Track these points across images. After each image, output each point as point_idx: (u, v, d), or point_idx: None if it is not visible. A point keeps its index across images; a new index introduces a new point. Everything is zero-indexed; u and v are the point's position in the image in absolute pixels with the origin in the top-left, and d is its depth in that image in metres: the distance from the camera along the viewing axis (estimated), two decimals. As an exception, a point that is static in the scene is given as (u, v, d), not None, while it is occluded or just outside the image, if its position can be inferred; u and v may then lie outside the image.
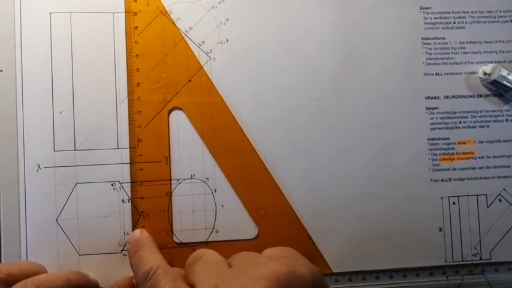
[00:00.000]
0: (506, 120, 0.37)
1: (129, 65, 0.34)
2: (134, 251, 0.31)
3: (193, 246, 0.34)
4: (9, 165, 0.33)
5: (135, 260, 0.30)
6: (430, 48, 0.36)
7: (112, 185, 0.34)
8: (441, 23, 0.37)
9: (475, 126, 0.37)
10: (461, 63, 0.37)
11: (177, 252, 0.34)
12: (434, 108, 0.36)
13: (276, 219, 0.35)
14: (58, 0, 0.34)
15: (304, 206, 0.35)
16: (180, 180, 0.34)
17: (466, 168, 0.36)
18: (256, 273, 0.23)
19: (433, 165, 0.36)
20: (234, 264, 0.26)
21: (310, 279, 0.24)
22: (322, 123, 0.35)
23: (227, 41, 0.35)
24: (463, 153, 0.36)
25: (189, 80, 0.35)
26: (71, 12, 0.34)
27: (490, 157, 0.37)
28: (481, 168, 0.36)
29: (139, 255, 0.30)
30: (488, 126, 0.37)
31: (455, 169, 0.36)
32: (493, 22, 0.37)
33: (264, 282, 0.22)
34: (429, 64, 0.36)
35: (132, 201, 0.34)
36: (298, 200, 0.35)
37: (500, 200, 0.36)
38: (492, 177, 0.36)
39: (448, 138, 0.36)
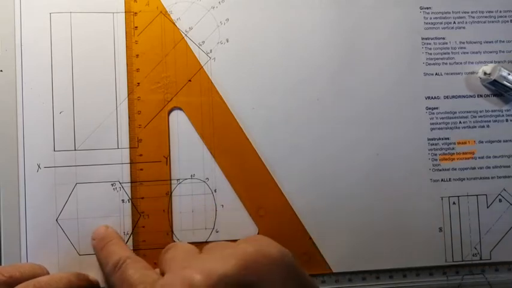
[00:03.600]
0: (506, 120, 0.37)
1: (129, 65, 0.34)
2: (101, 246, 0.31)
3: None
4: (9, 165, 0.33)
5: (103, 254, 0.30)
6: (430, 48, 0.36)
7: (112, 185, 0.34)
8: (441, 23, 0.37)
9: (475, 126, 0.37)
10: (461, 63, 0.37)
11: (177, 252, 0.34)
12: (434, 108, 0.36)
13: (276, 219, 0.35)
14: (58, 0, 0.34)
15: (304, 206, 0.35)
16: (180, 180, 0.34)
17: (466, 168, 0.36)
18: (224, 253, 0.23)
19: (433, 165, 0.36)
20: (204, 251, 0.26)
21: (279, 257, 0.24)
22: (322, 123, 0.35)
23: (227, 41, 0.35)
24: (463, 153, 0.36)
25: (189, 80, 0.35)
26: (71, 12, 0.34)
27: (490, 157, 0.37)
28: (481, 168, 0.36)
29: (108, 249, 0.30)
30: (488, 126, 0.37)
31: (455, 169, 0.36)
32: (493, 22, 0.37)
33: (232, 260, 0.23)
34: (429, 64, 0.36)
35: (132, 201, 0.34)
36: (298, 200, 0.35)
37: (500, 200, 0.36)
38: (492, 177, 0.36)
39: (448, 138, 0.36)
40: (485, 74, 0.36)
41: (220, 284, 0.22)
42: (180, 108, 0.35)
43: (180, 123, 0.34)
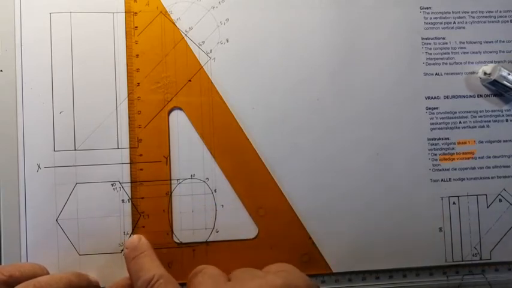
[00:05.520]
0: (506, 120, 0.37)
1: (129, 65, 0.34)
2: (133, 257, 0.30)
3: (193, 246, 0.34)
4: (9, 165, 0.33)
5: (134, 266, 0.30)
6: (430, 48, 0.36)
7: (112, 185, 0.34)
8: (441, 23, 0.37)
9: (475, 126, 0.37)
10: (461, 63, 0.37)
11: (177, 252, 0.34)
12: (434, 108, 0.36)
13: (276, 219, 0.35)
14: (58, 0, 0.34)
15: (304, 206, 0.35)
16: (180, 180, 0.34)
17: (466, 168, 0.36)
18: (252, 285, 0.23)
19: (433, 165, 0.36)
20: (232, 278, 0.26)
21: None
22: (322, 123, 0.35)
23: (227, 41, 0.35)
24: (463, 153, 0.36)
25: (189, 80, 0.35)
26: (71, 12, 0.34)
27: (490, 157, 0.37)
28: (481, 168, 0.36)
29: (139, 262, 0.30)
30: (488, 126, 0.37)
31: (455, 169, 0.36)
32: (493, 22, 0.37)
33: None
34: (429, 64, 0.36)
35: (132, 201, 0.34)
36: (298, 200, 0.35)
37: (500, 200, 0.36)
38: (492, 177, 0.36)
39: (448, 138, 0.36)
40: (485, 74, 0.36)
41: None
42: (180, 108, 0.35)
43: (180, 123, 0.34)
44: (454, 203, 0.36)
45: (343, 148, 0.35)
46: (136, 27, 0.34)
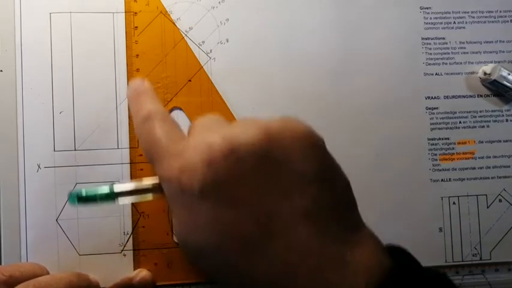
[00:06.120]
0: (506, 120, 0.37)
1: (129, 65, 0.34)
2: (135, 96, 0.28)
3: (193, 246, 0.34)
4: (9, 165, 0.33)
5: (135, 104, 0.27)
6: (430, 48, 0.36)
7: (112, 185, 0.34)
8: (441, 23, 0.37)
9: (475, 126, 0.37)
10: (461, 63, 0.37)
11: (177, 252, 0.34)
12: (434, 108, 0.36)
13: (276, 219, 0.34)
14: (58, 0, 0.34)
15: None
16: (180, 180, 0.34)
17: (466, 168, 0.36)
18: (250, 123, 0.22)
19: (433, 165, 0.36)
20: (233, 122, 0.25)
21: (306, 133, 0.23)
22: (321, 123, 0.35)
23: (227, 41, 0.35)
24: (463, 153, 0.36)
25: (189, 80, 0.35)
26: (71, 12, 0.34)
27: (490, 157, 0.37)
28: (481, 168, 0.36)
29: (140, 100, 0.27)
30: (488, 126, 0.37)
31: (455, 169, 0.36)
32: (493, 22, 0.37)
33: (256, 130, 0.22)
34: (429, 64, 0.36)
35: (132, 201, 0.34)
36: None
37: (500, 200, 0.36)
38: (492, 177, 0.36)
39: (448, 138, 0.36)
40: (485, 74, 0.36)
41: (240, 151, 0.21)
42: (180, 108, 0.35)
43: (180, 123, 0.34)
44: (454, 203, 0.36)
45: (343, 148, 0.35)
46: (136, 27, 0.34)
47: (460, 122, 0.36)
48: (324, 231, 0.21)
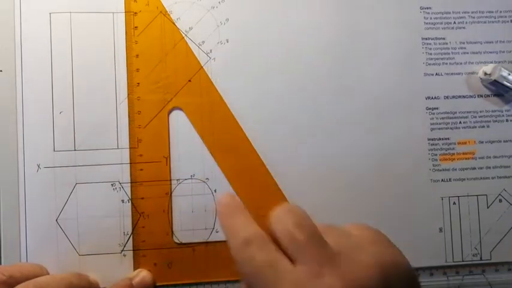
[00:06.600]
0: (506, 120, 0.37)
1: (129, 65, 0.34)
2: (228, 214, 0.27)
3: (193, 246, 0.34)
4: (9, 165, 0.33)
5: (230, 224, 0.27)
6: (430, 48, 0.36)
7: (112, 185, 0.34)
8: (441, 23, 0.37)
9: (475, 126, 0.37)
10: (461, 63, 0.37)
11: (177, 252, 0.34)
12: (435, 108, 0.36)
13: (276, 220, 0.34)
14: (58, 0, 0.34)
15: (304, 206, 0.35)
16: (180, 181, 0.34)
17: (466, 169, 0.36)
18: (365, 259, 0.22)
19: (433, 165, 0.36)
20: (328, 236, 0.25)
21: (408, 270, 0.24)
22: (321, 123, 0.35)
23: (227, 41, 0.35)
24: (463, 154, 0.36)
25: (189, 80, 0.35)
26: (71, 12, 0.34)
27: (490, 157, 0.36)
28: (481, 168, 0.36)
29: (235, 219, 0.27)
30: (488, 126, 0.37)
31: (455, 169, 0.36)
32: (493, 22, 0.37)
33: (374, 271, 0.22)
34: (429, 64, 0.36)
35: (132, 202, 0.34)
36: (298, 200, 0.35)
37: (500, 200, 0.36)
38: (492, 178, 0.36)
39: (448, 139, 0.36)
40: (485, 74, 0.36)
41: None
42: (180, 108, 0.35)
43: (180, 123, 0.34)
44: (454, 203, 0.36)
45: (343, 148, 0.35)
46: (136, 27, 0.34)
47: (460, 122, 0.36)
48: None
